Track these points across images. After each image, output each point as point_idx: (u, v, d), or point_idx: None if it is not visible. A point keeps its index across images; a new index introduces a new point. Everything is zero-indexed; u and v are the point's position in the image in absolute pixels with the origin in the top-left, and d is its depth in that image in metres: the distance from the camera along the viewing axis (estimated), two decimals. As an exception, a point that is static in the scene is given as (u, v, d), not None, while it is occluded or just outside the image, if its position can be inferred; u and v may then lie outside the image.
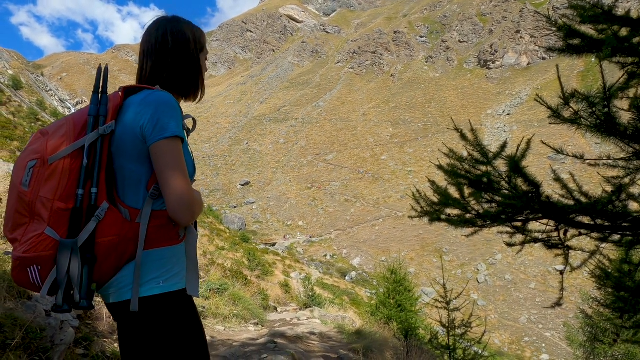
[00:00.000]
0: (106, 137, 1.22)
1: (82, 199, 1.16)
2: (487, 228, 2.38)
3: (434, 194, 2.67)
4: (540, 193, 1.97)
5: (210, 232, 28.38)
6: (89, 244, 1.16)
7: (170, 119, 1.24)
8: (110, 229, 1.18)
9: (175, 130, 1.23)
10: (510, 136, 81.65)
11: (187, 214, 1.22)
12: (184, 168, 1.23)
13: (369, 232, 59.74)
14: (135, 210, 1.23)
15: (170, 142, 1.22)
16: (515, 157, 1.98)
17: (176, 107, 1.27)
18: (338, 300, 16.87)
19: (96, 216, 1.16)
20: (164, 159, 1.21)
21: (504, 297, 41.34)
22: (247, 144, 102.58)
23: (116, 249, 1.19)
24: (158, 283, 1.23)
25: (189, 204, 1.21)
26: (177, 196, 1.19)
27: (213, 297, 6.25)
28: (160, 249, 1.24)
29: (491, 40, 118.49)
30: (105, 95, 1.26)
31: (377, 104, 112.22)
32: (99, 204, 1.18)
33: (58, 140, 1.19)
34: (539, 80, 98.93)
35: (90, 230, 1.15)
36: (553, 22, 1.96)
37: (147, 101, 1.25)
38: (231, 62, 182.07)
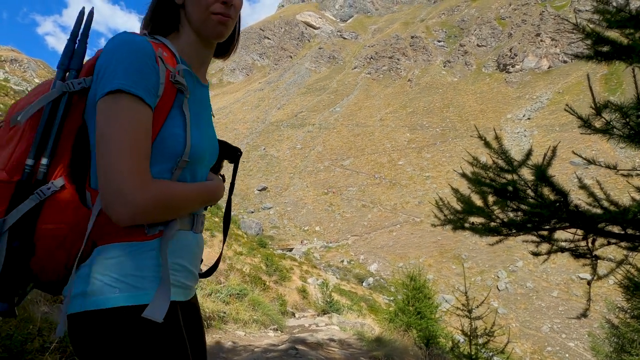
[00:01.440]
0: (78, 96, 0.94)
1: (31, 171, 0.89)
2: (512, 237, 2.36)
3: (457, 202, 2.65)
4: (569, 202, 1.95)
5: (228, 237, 28.56)
6: (23, 230, 0.87)
7: (119, 65, 0.87)
8: (58, 213, 0.89)
9: (122, 82, 0.86)
10: (530, 141, 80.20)
11: (121, 211, 0.84)
12: (130, 141, 0.84)
13: (386, 238, 59.29)
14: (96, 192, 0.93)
15: (110, 101, 0.86)
16: (542, 166, 1.96)
17: (137, 51, 0.90)
18: (356, 306, 16.80)
19: (36, 193, 0.87)
20: (99, 125, 0.86)
21: (525, 305, 40.42)
22: (264, 150, 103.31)
23: (64, 242, 0.90)
24: (114, 292, 0.88)
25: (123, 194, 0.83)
26: (107, 185, 0.84)
27: (233, 302, 6.31)
28: (119, 244, 0.92)
29: (510, 44, 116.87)
30: (84, 44, 0.97)
31: (394, 109, 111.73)
32: (50, 179, 0.90)
33: (28, 100, 0.95)
34: (560, 84, 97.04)
35: (23, 210, 0.86)
36: (580, 29, 1.94)
37: (105, 47, 0.93)
38: (249, 68, 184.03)
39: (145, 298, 0.90)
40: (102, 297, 0.87)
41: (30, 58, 62.42)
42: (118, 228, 0.92)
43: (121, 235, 0.92)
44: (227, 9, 1.04)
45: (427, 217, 58.83)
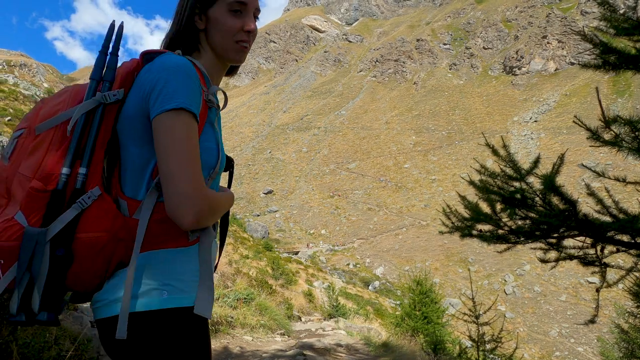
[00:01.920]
0: (110, 108, 0.98)
1: (67, 180, 0.91)
2: (520, 244, 2.36)
3: (465, 209, 2.66)
4: (577, 211, 1.95)
5: (234, 240, 28.70)
6: (64, 239, 0.89)
7: (178, 87, 0.95)
8: (98, 222, 0.91)
9: (182, 101, 0.94)
10: (537, 143, 79.73)
11: (189, 215, 0.91)
12: (191, 153, 0.93)
13: (392, 241, 59.13)
14: (136, 203, 0.98)
15: (174, 117, 0.93)
16: (550, 175, 1.96)
17: (187, 74, 0.98)
18: (362, 310, 16.76)
19: (78, 203, 0.90)
20: (163, 139, 0.92)
21: (533, 309, 40.08)
22: (270, 153, 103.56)
23: (103, 250, 0.92)
24: (161, 294, 0.94)
25: (193, 202, 0.91)
26: (177, 192, 0.90)
27: (240, 307, 6.33)
28: (164, 250, 0.97)
29: (517, 46, 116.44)
30: (115, 57, 1.02)
31: (400, 112, 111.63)
32: (88, 189, 0.92)
33: (53, 108, 0.98)
34: (567, 86, 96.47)
35: (67, 220, 0.88)
36: (588, 39, 1.94)
37: (154, 66, 0.99)
38: (255, 72, 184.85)
39: (189, 300, 0.97)
40: (152, 299, 0.93)
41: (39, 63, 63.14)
42: (166, 235, 0.97)
43: (169, 242, 0.98)
44: (248, 37, 1.15)
45: (433, 221, 58.64)
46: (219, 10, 1.12)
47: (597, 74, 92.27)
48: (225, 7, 1.12)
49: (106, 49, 1.03)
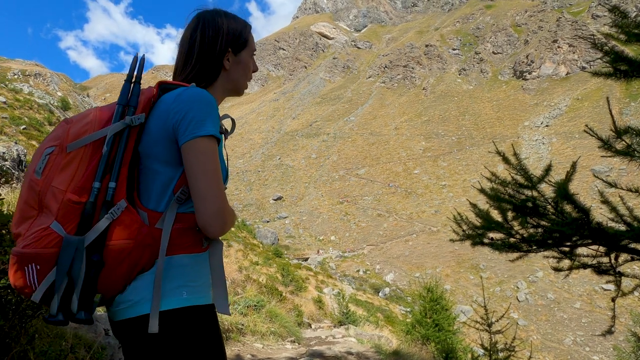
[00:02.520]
0: (134, 130, 1.11)
1: (98, 193, 1.03)
2: (532, 253, 2.33)
3: (476, 217, 2.64)
4: (591, 219, 1.93)
5: (244, 246, 28.77)
6: (97, 246, 1.02)
7: (206, 116, 1.12)
8: (125, 231, 1.04)
9: (211, 129, 1.11)
10: (549, 148, 78.87)
11: (221, 227, 1.10)
12: (218, 173, 1.10)
13: (402, 248, 58.75)
14: (155, 214, 1.11)
15: (206, 142, 1.10)
16: (563, 183, 1.95)
17: (213, 105, 1.15)
18: (372, 317, 16.64)
19: (110, 213, 1.03)
20: (197, 161, 1.08)
21: (546, 317, 39.43)
22: (279, 159, 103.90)
23: (129, 256, 1.04)
24: (181, 294, 1.09)
25: (224, 215, 1.10)
26: (212, 207, 1.07)
27: (251, 314, 6.34)
28: (182, 255, 1.11)
29: (527, 51, 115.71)
30: (138, 85, 1.16)
31: (410, 118, 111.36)
32: (116, 201, 1.05)
33: (81, 128, 1.09)
34: (579, 90, 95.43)
35: (101, 228, 1.02)
36: (598, 47, 1.94)
37: (182, 98, 1.13)
38: (264, 79, 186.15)
39: (205, 299, 1.13)
40: (173, 299, 1.07)
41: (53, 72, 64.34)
42: (186, 242, 1.12)
43: (186, 248, 1.12)
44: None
45: (443, 227, 58.19)
46: (246, 54, 1.36)
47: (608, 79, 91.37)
48: (250, 52, 1.38)
49: (131, 78, 1.16)
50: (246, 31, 1.37)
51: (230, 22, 1.34)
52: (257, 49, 24.98)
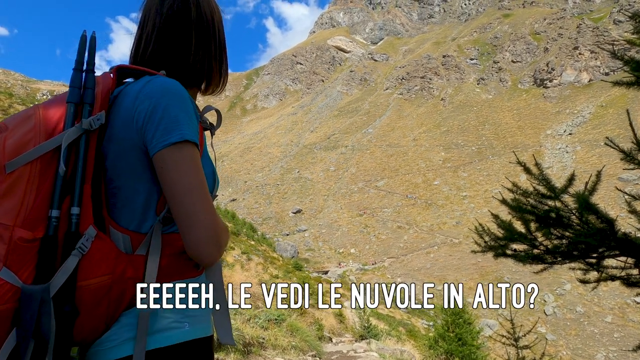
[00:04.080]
0: (93, 135, 0.87)
1: (58, 223, 0.81)
2: (558, 265, 2.28)
3: (498, 228, 2.61)
4: (616, 230, 1.89)
5: (264, 259, 28.85)
6: (67, 291, 0.79)
7: (179, 116, 0.87)
8: (100, 266, 0.82)
9: (187, 132, 0.87)
10: (573, 157, 77.04)
11: (215, 252, 0.87)
12: (202, 187, 0.87)
13: (423, 260, 57.87)
14: (139, 236, 0.90)
15: (182, 150, 0.86)
16: (584, 195, 1.92)
17: (185, 99, 0.91)
18: (394, 331, 16.40)
19: (78, 249, 0.81)
20: (173, 177, 0.84)
21: (576, 331, 38.04)
22: (298, 172, 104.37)
23: (108, 294, 0.83)
24: (182, 326, 0.89)
25: (217, 239, 0.87)
26: (202, 233, 0.85)
27: (272, 328, 6.34)
28: (178, 282, 0.91)
29: (547, 59, 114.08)
30: (93, 74, 0.91)
31: (428, 129, 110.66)
32: (83, 230, 0.83)
33: (21, 138, 0.83)
34: (602, 97, 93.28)
35: (70, 270, 0.79)
36: (619, 56, 1.92)
37: (146, 92, 0.89)
38: (282, 93, 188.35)
39: (208, 329, 0.96)
40: (174, 332, 0.88)
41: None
42: (177, 267, 0.92)
43: (181, 273, 0.93)
44: None
45: (465, 238, 57.16)
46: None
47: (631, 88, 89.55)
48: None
49: (81, 65, 0.90)
50: (220, 19, 1.15)
51: (211, 7, 1.11)
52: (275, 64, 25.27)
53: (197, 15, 1.05)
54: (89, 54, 0.91)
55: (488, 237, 2.70)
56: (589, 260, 2.25)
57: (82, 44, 0.90)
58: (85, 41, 0.91)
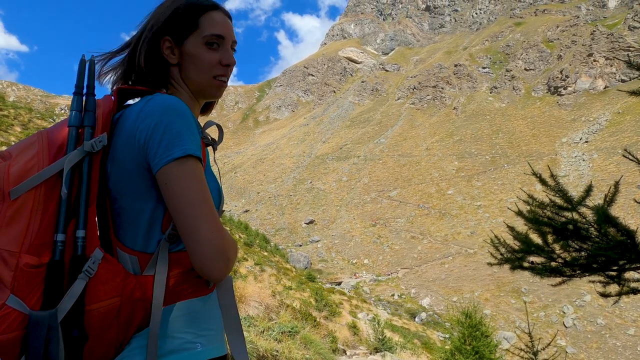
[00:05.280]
0: (96, 157, 0.88)
1: (64, 247, 0.81)
2: (577, 277, 2.23)
3: (514, 240, 2.57)
4: (637, 242, 1.84)
5: (277, 271, 28.82)
6: (75, 315, 0.79)
7: (181, 131, 0.87)
8: (107, 288, 0.82)
9: (189, 146, 0.87)
10: (590, 165, 75.70)
11: (222, 267, 0.86)
12: (207, 202, 0.86)
13: (438, 271, 57.13)
14: (146, 256, 0.89)
15: (185, 165, 0.85)
16: (603, 207, 1.88)
17: (187, 115, 0.90)
18: (409, 344, 16.16)
19: (85, 272, 0.81)
20: (177, 192, 0.84)
21: (597, 344, 36.97)
22: (310, 183, 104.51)
23: (117, 317, 0.83)
24: (194, 347, 0.88)
25: (223, 253, 0.86)
26: (209, 247, 0.84)
27: (285, 340, 6.30)
28: (189, 301, 0.91)
29: (561, 66, 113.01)
30: (93, 97, 0.91)
31: (441, 138, 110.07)
32: (89, 253, 0.83)
33: (25, 164, 0.83)
34: (619, 104, 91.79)
35: (77, 294, 0.79)
36: (635, 65, 1.90)
37: (147, 110, 0.89)
38: (294, 105, 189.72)
39: (222, 348, 0.93)
40: (185, 354, 0.86)
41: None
42: (187, 286, 0.91)
43: (192, 292, 0.91)
44: (226, 71, 1.06)
45: (480, 248, 56.34)
46: (194, 44, 1.02)
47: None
48: (201, 40, 1.02)
49: (81, 89, 0.91)
50: (194, 9, 1.03)
51: (177, 1, 1.04)
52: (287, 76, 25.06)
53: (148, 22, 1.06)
54: (89, 77, 0.92)
55: (504, 249, 2.66)
56: (609, 273, 2.20)
57: (82, 68, 0.91)
58: (85, 65, 0.92)
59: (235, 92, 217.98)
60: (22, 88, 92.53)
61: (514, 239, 2.60)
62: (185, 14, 1.02)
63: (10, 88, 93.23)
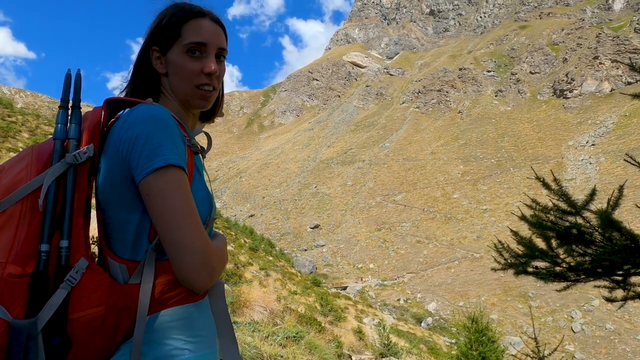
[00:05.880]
0: (82, 168, 0.88)
1: (48, 257, 0.82)
2: (581, 282, 2.21)
3: (518, 245, 2.56)
4: (641, 247, 1.83)
5: (282, 275, 28.79)
6: (57, 325, 0.80)
7: (162, 141, 0.87)
8: (92, 297, 0.83)
9: (170, 156, 0.86)
10: (597, 168, 75.16)
11: (205, 277, 0.86)
12: (190, 211, 0.86)
13: (444, 275, 56.80)
14: (134, 264, 0.90)
15: (163, 176, 0.85)
16: (606, 212, 1.87)
17: (168, 124, 0.89)
18: (415, 349, 16.06)
19: (66, 281, 0.81)
20: (157, 202, 0.84)
21: (606, 349, 36.51)
22: (315, 188, 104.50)
23: (102, 326, 0.84)
24: (182, 353, 0.87)
25: (206, 263, 0.86)
26: (192, 258, 0.84)
27: (290, 345, 6.28)
28: (177, 308, 0.91)
29: (566, 69, 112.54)
30: (78, 110, 0.92)
31: (446, 142, 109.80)
32: (73, 262, 0.83)
33: (15, 177, 0.86)
34: (626, 107, 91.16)
35: (57, 303, 0.80)
36: (638, 69, 1.89)
37: (130, 121, 0.90)
38: (299, 109, 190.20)
39: (212, 356, 0.93)
40: (184, 358, 0.87)
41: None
42: (177, 293, 0.91)
43: (180, 299, 0.91)
44: (210, 80, 1.04)
45: (487, 253, 55.98)
46: (177, 53, 1.02)
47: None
48: (181, 49, 1.01)
49: (66, 103, 0.92)
50: (176, 18, 1.02)
51: (165, 12, 1.05)
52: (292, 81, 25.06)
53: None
54: (75, 91, 0.93)
55: (508, 254, 2.64)
56: (614, 277, 2.18)
57: (67, 82, 0.93)
58: (70, 79, 0.93)
59: (240, 97, 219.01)
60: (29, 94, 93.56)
61: (518, 244, 2.59)
62: (168, 22, 1.02)
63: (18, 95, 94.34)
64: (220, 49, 1.05)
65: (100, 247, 0.95)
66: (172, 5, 1.05)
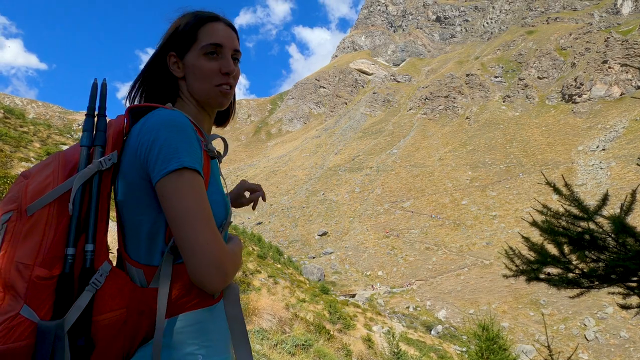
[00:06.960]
0: (106, 174, 0.92)
1: (74, 261, 0.85)
2: (595, 289, 2.17)
3: (529, 251, 2.52)
4: (656, 253, 1.80)
5: (291, 283, 28.71)
6: (82, 326, 0.83)
7: (178, 145, 0.90)
8: (115, 299, 0.87)
9: (186, 159, 0.89)
10: (608, 173, 74.25)
11: (218, 279, 0.88)
12: (204, 213, 0.89)
13: (453, 282, 56.21)
14: (152, 269, 0.93)
15: (178, 178, 0.88)
16: (619, 217, 1.84)
17: (185, 129, 0.93)
18: (425, 357, 15.88)
19: (92, 284, 0.85)
20: (173, 204, 0.87)
21: (621, 358, 35.77)
22: (323, 195, 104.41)
23: (124, 328, 0.88)
24: (196, 358, 0.90)
25: (218, 264, 0.87)
26: (204, 259, 0.86)
27: (299, 354, 6.24)
28: (192, 312, 0.93)
29: (575, 74, 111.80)
30: (104, 118, 0.97)
31: (454, 148, 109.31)
32: (97, 266, 0.87)
33: (42, 183, 0.89)
34: (636, 111, 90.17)
35: (83, 305, 0.83)
36: (648, 72, 1.87)
37: (147, 126, 0.93)
38: (306, 117, 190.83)
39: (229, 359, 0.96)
40: None
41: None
42: (191, 297, 0.93)
43: (195, 303, 0.93)
44: (228, 79, 1.09)
45: (497, 259, 55.37)
46: (194, 55, 1.06)
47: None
48: (199, 51, 1.06)
49: (92, 111, 0.96)
50: (192, 24, 1.08)
51: (180, 19, 1.10)
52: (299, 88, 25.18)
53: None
54: (100, 99, 0.98)
55: (519, 260, 2.61)
56: (628, 284, 2.14)
57: (94, 91, 0.97)
58: (97, 88, 0.98)
59: (247, 105, 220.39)
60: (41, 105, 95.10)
61: (529, 250, 2.55)
62: (185, 28, 1.07)
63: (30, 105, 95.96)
64: (235, 50, 1.11)
65: (119, 251, 0.98)
66: (187, 13, 1.10)
